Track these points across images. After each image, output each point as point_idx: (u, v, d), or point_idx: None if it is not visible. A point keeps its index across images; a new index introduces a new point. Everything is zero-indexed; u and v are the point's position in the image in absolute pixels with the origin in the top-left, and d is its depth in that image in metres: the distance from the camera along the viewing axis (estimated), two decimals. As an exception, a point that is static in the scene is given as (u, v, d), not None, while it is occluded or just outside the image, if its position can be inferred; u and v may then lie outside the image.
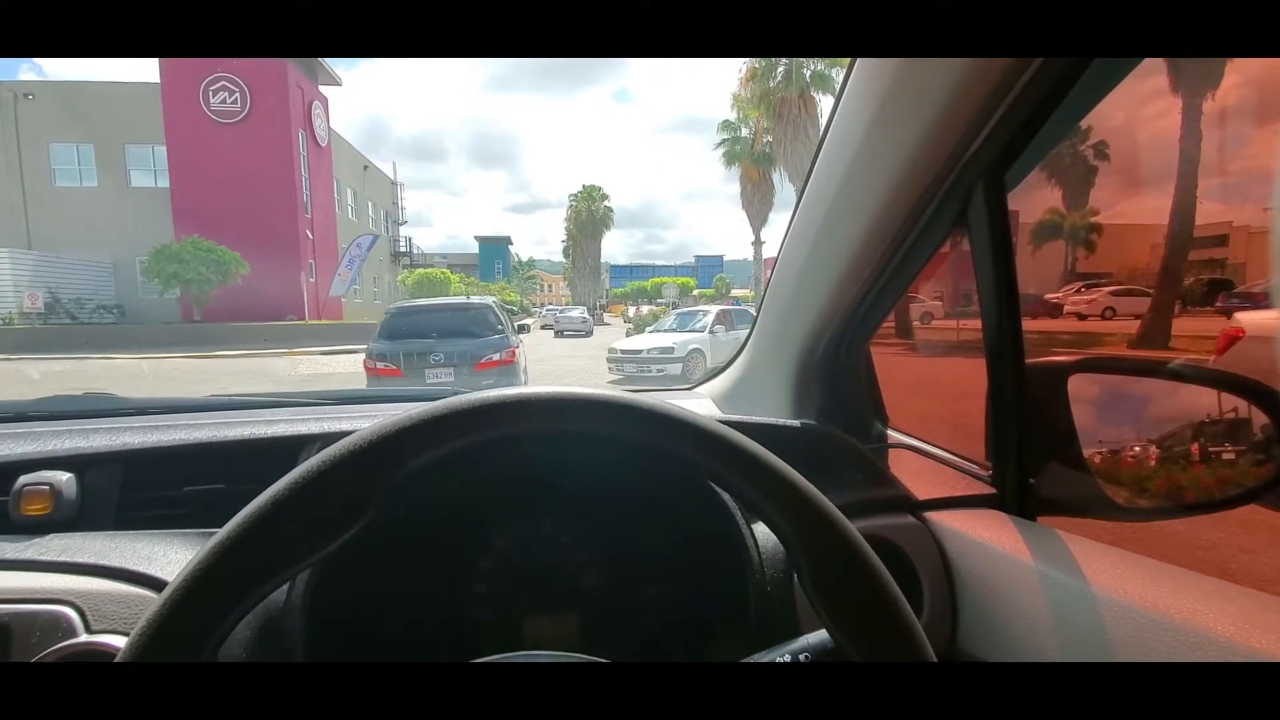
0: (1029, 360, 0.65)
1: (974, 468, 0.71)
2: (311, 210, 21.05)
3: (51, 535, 0.53)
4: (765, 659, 0.38)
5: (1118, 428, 0.69)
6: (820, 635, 0.38)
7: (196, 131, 18.04)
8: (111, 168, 19.20)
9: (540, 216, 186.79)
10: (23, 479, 0.55)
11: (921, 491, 0.68)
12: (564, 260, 39.56)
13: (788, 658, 0.37)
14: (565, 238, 36.36)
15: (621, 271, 47.38)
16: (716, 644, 0.59)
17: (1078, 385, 0.68)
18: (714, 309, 9.68)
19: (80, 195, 18.83)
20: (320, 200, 22.05)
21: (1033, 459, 0.64)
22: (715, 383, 1.00)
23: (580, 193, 35.43)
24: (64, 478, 0.56)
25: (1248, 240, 1.59)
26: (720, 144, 23.22)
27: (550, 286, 53.06)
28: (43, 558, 0.49)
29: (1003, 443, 0.65)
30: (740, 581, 0.56)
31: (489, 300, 6.77)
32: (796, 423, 0.76)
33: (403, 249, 30.93)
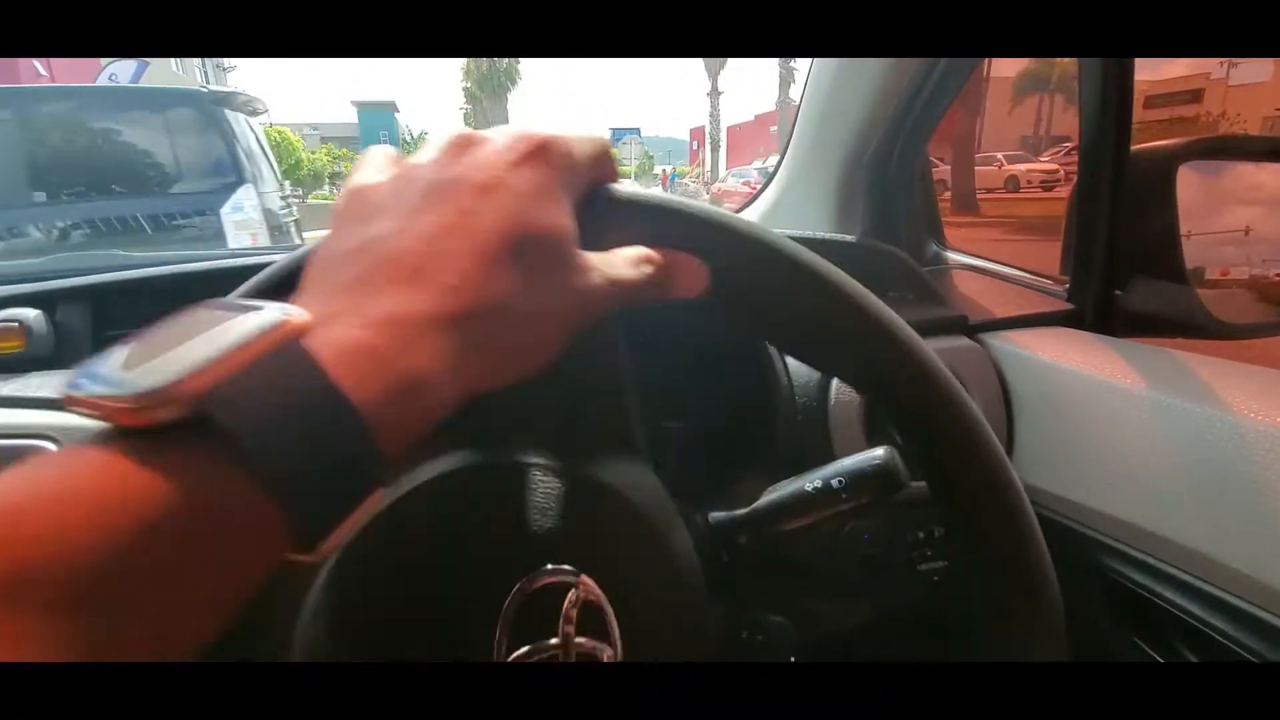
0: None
1: (1047, 284, 0.69)
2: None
3: (31, 374, 0.59)
4: (793, 487, 0.39)
5: (1234, 226, 0.66)
6: (855, 460, 0.38)
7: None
8: None
9: (432, 75, 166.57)
10: None
11: (985, 314, 0.67)
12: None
13: (819, 484, 0.38)
14: (464, 100, 32.46)
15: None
16: (741, 477, 0.62)
17: (1188, 177, 0.64)
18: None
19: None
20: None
21: (1123, 268, 0.62)
22: (756, 205, 0.99)
23: (481, 40, 32.31)
24: (32, 314, 0.61)
25: None
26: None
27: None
28: (21, 394, 0.55)
29: (1088, 247, 0.62)
30: (768, 409, 0.57)
31: None
32: (851, 239, 0.75)
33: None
